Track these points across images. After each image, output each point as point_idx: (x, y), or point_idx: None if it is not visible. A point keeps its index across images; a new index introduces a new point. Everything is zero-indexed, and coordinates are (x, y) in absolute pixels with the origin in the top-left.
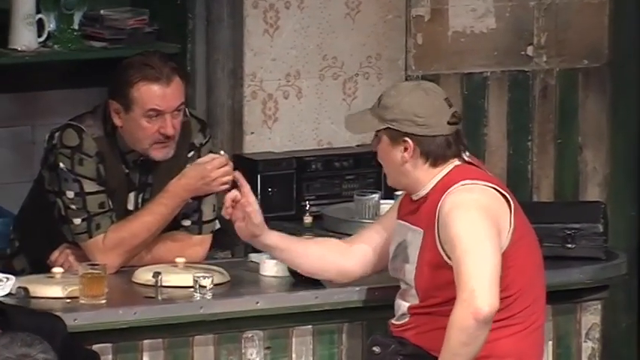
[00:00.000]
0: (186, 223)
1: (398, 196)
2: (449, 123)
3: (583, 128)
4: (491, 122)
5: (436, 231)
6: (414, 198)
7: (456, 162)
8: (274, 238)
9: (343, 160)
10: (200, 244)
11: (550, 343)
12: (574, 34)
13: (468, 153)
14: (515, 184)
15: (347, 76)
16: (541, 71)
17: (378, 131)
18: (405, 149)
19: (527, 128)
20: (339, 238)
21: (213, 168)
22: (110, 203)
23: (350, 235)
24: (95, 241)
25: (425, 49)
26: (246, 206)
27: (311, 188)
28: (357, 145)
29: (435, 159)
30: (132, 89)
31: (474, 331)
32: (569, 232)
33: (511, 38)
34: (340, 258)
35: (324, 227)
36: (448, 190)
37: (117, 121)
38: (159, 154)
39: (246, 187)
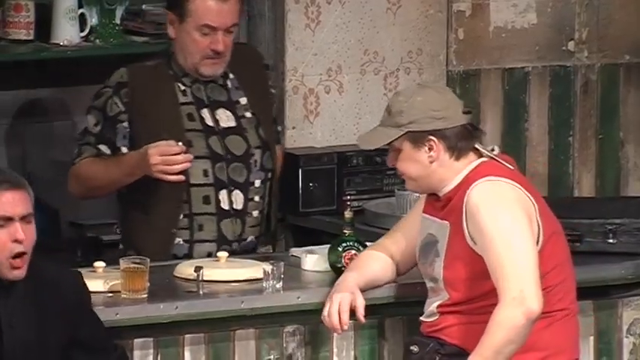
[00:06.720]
0: None
1: None
2: (464, 112)
3: (624, 123)
4: (533, 117)
5: (464, 224)
6: (440, 195)
7: (483, 159)
8: (361, 287)
9: (384, 155)
10: None
11: (591, 338)
12: (615, 30)
13: (497, 150)
14: (557, 179)
15: (388, 71)
16: (582, 66)
17: (395, 141)
18: (430, 148)
19: (568, 123)
20: (379, 233)
21: (155, 152)
22: (96, 136)
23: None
24: (73, 167)
25: (466, 44)
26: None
27: (352, 183)
28: None
29: (459, 151)
30: (188, 1)
31: (523, 330)
32: (610, 228)
33: (552, 33)
34: (390, 274)
35: (365, 222)
36: (473, 184)
37: (171, 32)
38: (208, 69)
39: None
